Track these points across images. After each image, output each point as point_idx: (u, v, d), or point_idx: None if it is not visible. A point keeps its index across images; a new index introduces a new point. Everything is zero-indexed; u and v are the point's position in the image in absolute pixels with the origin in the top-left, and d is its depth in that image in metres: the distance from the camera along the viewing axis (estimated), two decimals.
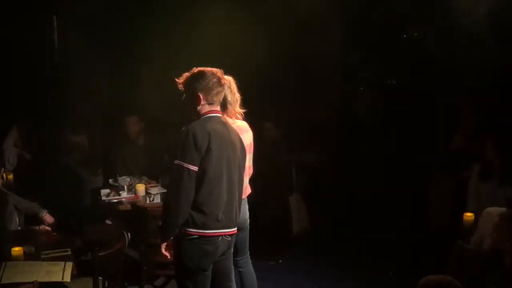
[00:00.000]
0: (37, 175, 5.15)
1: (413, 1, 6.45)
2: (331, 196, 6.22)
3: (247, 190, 3.86)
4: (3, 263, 3.52)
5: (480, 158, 4.85)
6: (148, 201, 5.04)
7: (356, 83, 7.49)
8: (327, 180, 6.36)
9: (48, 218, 4.35)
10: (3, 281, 3.34)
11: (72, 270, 3.50)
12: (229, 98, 3.62)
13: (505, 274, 3.15)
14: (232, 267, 3.60)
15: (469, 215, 4.23)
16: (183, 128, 3.18)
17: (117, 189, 5.36)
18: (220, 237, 3.24)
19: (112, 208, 5.04)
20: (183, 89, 3.31)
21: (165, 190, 5.05)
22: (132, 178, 5.54)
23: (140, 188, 5.18)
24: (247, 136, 3.73)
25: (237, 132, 3.42)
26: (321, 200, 6.21)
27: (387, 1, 6.75)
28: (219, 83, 3.27)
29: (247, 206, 3.88)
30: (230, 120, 3.68)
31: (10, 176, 5.34)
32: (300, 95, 6.63)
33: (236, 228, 3.37)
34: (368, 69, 7.21)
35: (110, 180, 5.63)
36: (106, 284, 3.75)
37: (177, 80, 3.31)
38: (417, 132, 6.33)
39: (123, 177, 5.55)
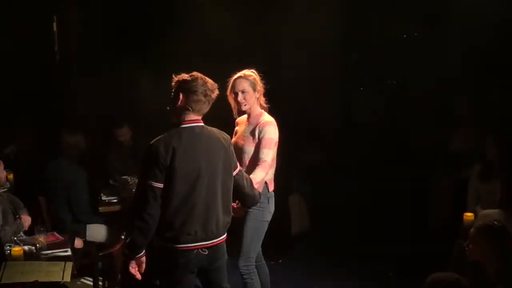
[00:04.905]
0: (37, 175, 5.14)
1: (414, 1, 6.46)
2: (331, 196, 6.21)
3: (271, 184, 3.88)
4: (3, 263, 3.53)
5: (481, 159, 4.85)
6: None
7: (356, 83, 7.49)
8: (327, 180, 6.36)
9: (25, 219, 4.31)
10: (3, 281, 3.34)
11: (72, 270, 3.50)
12: (259, 88, 3.80)
13: (489, 281, 3.16)
14: (225, 278, 3.42)
15: (469, 215, 4.23)
16: (149, 143, 3.12)
17: (117, 189, 5.37)
18: (195, 251, 3.15)
19: (111, 208, 5.03)
20: (173, 88, 3.27)
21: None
22: (132, 178, 5.54)
23: None
24: (269, 130, 3.77)
25: (222, 141, 3.27)
26: (321, 200, 6.21)
27: (387, 1, 6.75)
28: (204, 93, 3.18)
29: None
30: (256, 112, 3.82)
31: (10, 176, 5.33)
32: (300, 95, 6.63)
33: (219, 238, 3.24)
34: (368, 69, 7.21)
35: (110, 180, 5.64)
36: (106, 284, 3.75)
37: (174, 76, 3.27)
38: (417, 132, 6.34)
39: (124, 177, 5.55)
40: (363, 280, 5.01)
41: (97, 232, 4.81)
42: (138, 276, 3.23)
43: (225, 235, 3.29)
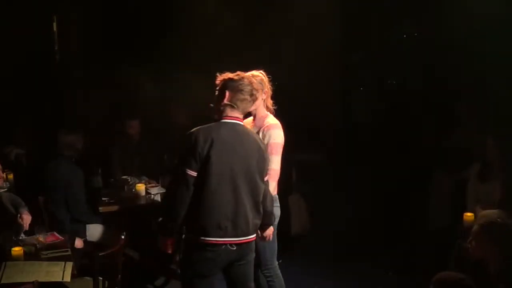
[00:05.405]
0: (36, 175, 5.15)
1: (414, 1, 6.46)
2: (331, 196, 6.22)
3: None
4: (3, 263, 3.53)
5: (480, 159, 4.85)
6: (148, 201, 5.03)
7: (356, 83, 7.49)
8: (327, 180, 6.36)
9: (26, 218, 4.31)
10: (3, 281, 3.34)
11: (72, 270, 3.50)
12: (266, 89, 3.79)
13: (490, 280, 3.15)
14: (251, 274, 3.48)
15: (469, 215, 4.23)
16: (189, 132, 3.19)
17: (117, 189, 5.37)
18: (224, 246, 3.19)
19: (111, 208, 5.03)
20: (218, 86, 3.33)
21: (165, 190, 5.10)
22: (132, 178, 5.54)
23: (140, 188, 5.18)
24: (273, 134, 3.72)
25: (260, 143, 3.33)
26: (321, 200, 6.21)
27: (387, 1, 6.75)
28: (250, 93, 3.27)
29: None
30: (262, 114, 3.77)
31: (10, 176, 5.35)
32: (300, 95, 6.63)
33: (249, 237, 3.28)
34: (368, 69, 7.21)
35: (110, 180, 5.64)
36: (106, 284, 3.75)
37: (218, 74, 3.33)
38: (416, 132, 6.34)
39: (124, 177, 5.55)
40: (363, 280, 5.01)
41: (96, 232, 4.81)
42: (170, 251, 3.33)
43: (254, 235, 3.34)
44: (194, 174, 3.12)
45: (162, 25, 6.71)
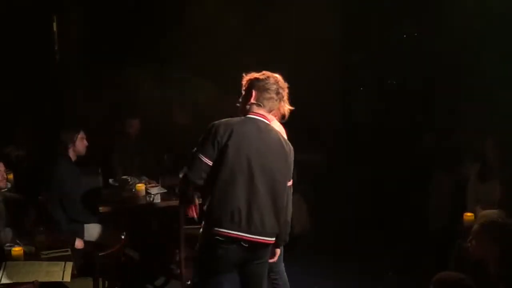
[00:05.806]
0: (36, 175, 5.15)
1: (414, 1, 6.46)
2: (331, 196, 6.21)
3: None
4: (3, 263, 3.53)
5: (480, 158, 4.85)
6: (148, 201, 5.03)
7: (356, 83, 7.49)
8: (327, 180, 6.36)
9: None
10: (3, 281, 3.34)
11: (72, 270, 3.50)
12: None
13: (490, 280, 3.14)
14: (266, 275, 3.46)
15: (469, 215, 4.23)
16: (211, 123, 3.22)
17: (117, 189, 5.36)
18: (235, 244, 3.14)
19: (111, 208, 5.03)
20: (244, 86, 3.36)
21: (165, 190, 5.10)
22: (132, 178, 5.54)
23: (140, 188, 5.17)
24: None
25: (284, 145, 3.33)
26: (321, 200, 6.21)
27: (387, 1, 6.75)
28: (276, 91, 3.31)
29: None
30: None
31: (10, 176, 5.34)
32: (300, 95, 6.62)
33: (264, 238, 3.22)
34: (368, 69, 7.21)
35: (110, 180, 5.63)
36: (106, 284, 3.75)
37: (244, 75, 3.36)
38: (416, 131, 6.34)
39: (124, 177, 5.55)
40: (363, 280, 5.01)
41: (95, 231, 4.80)
42: (196, 216, 3.44)
43: (271, 239, 3.27)
44: (208, 161, 3.16)
45: (162, 25, 6.71)
